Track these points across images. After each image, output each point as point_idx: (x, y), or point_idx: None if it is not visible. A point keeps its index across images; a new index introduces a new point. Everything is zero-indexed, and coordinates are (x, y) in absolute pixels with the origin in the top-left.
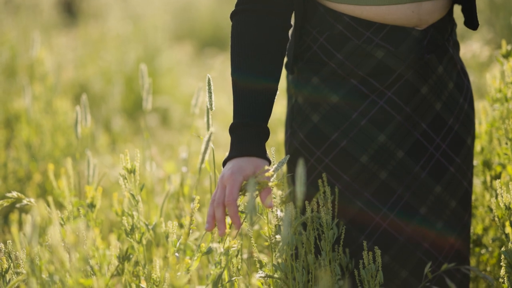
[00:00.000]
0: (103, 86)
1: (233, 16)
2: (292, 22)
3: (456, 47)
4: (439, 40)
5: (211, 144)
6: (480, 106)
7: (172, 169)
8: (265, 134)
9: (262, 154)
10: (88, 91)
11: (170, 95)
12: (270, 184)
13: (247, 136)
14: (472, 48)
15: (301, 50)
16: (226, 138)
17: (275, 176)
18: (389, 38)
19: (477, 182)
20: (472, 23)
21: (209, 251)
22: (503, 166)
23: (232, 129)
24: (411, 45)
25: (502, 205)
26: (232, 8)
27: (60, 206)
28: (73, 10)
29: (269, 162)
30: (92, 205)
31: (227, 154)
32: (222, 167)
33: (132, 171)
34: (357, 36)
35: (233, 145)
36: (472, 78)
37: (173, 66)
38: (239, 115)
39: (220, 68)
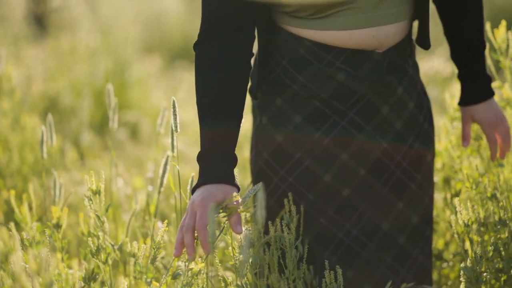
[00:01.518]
0: (73, 99)
1: (196, 46)
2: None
3: (416, 67)
4: (399, 62)
5: (168, 168)
6: (441, 124)
7: (140, 185)
8: (233, 160)
9: (231, 180)
10: (58, 104)
11: (139, 108)
12: (239, 210)
13: (216, 163)
14: (434, 64)
15: (265, 72)
16: (195, 153)
17: (244, 202)
18: (350, 61)
19: (438, 198)
20: (424, 43)
21: (176, 276)
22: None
23: (200, 157)
24: (371, 68)
25: (461, 222)
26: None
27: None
28: (44, 23)
29: (238, 189)
30: (58, 226)
31: (196, 179)
32: (191, 194)
33: (97, 192)
34: (319, 59)
35: (202, 172)
36: (435, 92)
37: (143, 79)
38: (206, 142)
39: (190, 81)
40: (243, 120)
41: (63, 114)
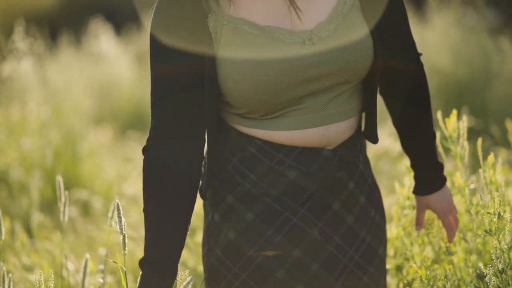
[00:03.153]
0: (23, 173)
1: (145, 151)
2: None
3: (366, 162)
4: (349, 158)
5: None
6: (392, 211)
7: (92, 268)
8: (173, 274)
9: None
10: (7, 178)
11: (91, 182)
12: None
13: (155, 275)
14: (385, 143)
15: (215, 170)
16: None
17: None
18: (301, 159)
19: (391, 282)
20: (372, 136)
21: None
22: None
23: (142, 263)
24: (322, 165)
25: None
26: None
27: None
28: None
29: None
30: None
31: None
32: None
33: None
34: (269, 158)
35: (142, 279)
36: (387, 167)
37: (95, 151)
38: (149, 249)
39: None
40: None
41: (12, 188)
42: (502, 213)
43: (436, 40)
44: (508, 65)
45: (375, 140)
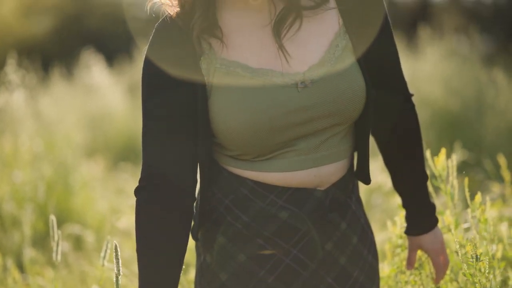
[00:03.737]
0: (15, 206)
1: (137, 192)
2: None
3: (359, 202)
4: (341, 198)
5: None
6: (385, 248)
7: None
8: None
9: None
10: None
11: (84, 215)
12: None
13: None
14: (377, 179)
15: (207, 211)
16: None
17: None
18: (293, 200)
19: None
20: (364, 177)
21: None
22: None
23: None
24: (314, 206)
25: None
26: None
27: None
28: None
29: None
30: None
31: None
32: None
33: None
34: (261, 199)
35: None
36: (380, 200)
37: (88, 183)
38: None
39: (135, 184)
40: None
41: (4, 222)
42: (479, 256)
43: (428, 72)
44: (501, 97)
45: (367, 181)
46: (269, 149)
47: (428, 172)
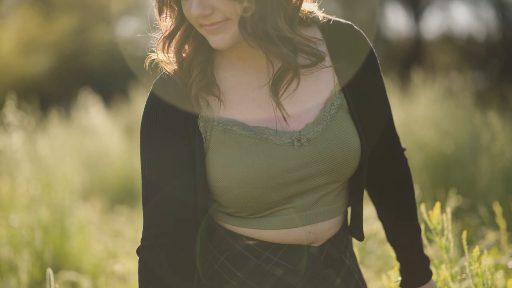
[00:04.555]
0: (12, 250)
1: (139, 252)
2: None
3: (353, 257)
4: (336, 254)
5: None
6: None
7: None
8: None
9: None
10: None
11: (80, 258)
12: None
13: None
14: (373, 227)
15: (203, 268)
16: None
17: None
18: (287, 257)
19: None
20: (357, 234)
21: None
22: None
23: None
24: (308, 262)
25: None
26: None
27: None
28: None
29: None
30: None
31: None
32: None
33: None
34: (256, 255)
35: None
36: (375, 246)
37: (84, 226)
38: None
39: (131, 230)
40: None
41: (1, 266)
42: None
43: (421, 114)
44: (496, 140)
45: (360, 238)
46: (265, 206)
47: (423, 227)
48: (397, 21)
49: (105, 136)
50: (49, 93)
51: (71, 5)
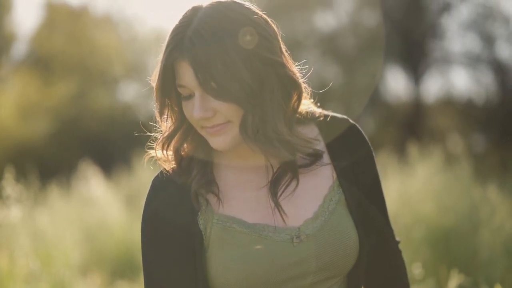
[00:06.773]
0: None
1: None
2: None
3: None
4: None
5: None
6: None
7: None
8: None
9: None
10: None
11: None
12: None
13: None
14: None
15: None
16: None
17: None
18: None
19: None
20: None
21: None
22: None
23: None
24: None
25: None
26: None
27: None
28: None
29: None
30: None
31: None
32: None
33: None
34: None
35: None
36: None
37: None
38: None
39: None
40: None
41: None
42: None
43: (419, 189)
44: (496, 214)
45: None
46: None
47: None
48: (397, 84)
49: (105, 206)
50: (49, 159)
51: (70, 69)
